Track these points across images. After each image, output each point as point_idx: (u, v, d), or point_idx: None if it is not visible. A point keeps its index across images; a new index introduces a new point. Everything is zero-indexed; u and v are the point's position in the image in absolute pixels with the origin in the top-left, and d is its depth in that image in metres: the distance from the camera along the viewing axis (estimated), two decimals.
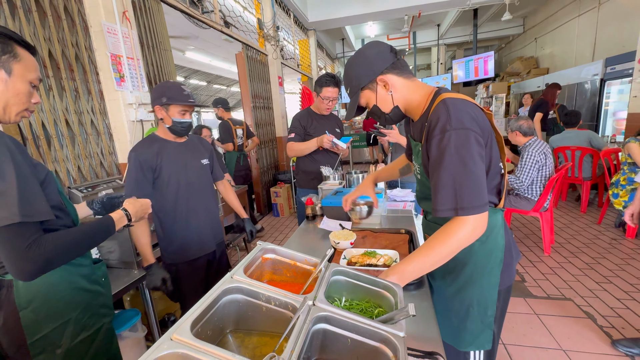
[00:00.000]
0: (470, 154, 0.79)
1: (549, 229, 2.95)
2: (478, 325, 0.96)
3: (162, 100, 1.44)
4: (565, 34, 7.32)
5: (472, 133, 0.79)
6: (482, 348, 0.99)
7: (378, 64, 0.92)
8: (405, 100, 0.96)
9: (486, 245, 0.93)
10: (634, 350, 1.71)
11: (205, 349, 0.49)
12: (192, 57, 7.99)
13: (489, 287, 0.95)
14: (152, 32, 2.61)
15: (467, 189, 0.78)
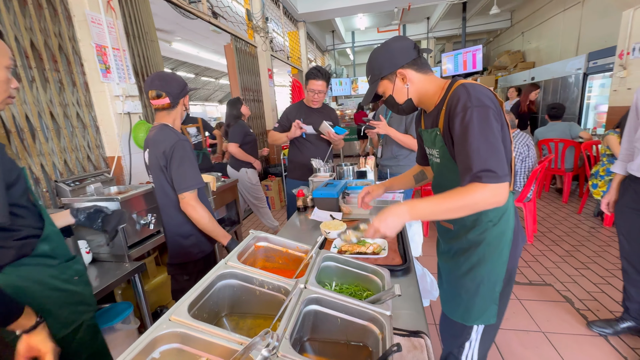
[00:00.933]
0: (490, 129, 0.84)
1: (532, 218, 3.06)
2: (486, 301, 1.02)
3: (186, 89, 1.49)
4: (551, 29, 7.46)
5: (491, 110, 0.86)
6: (488, 322, 1.04)
7: (400, 58, 0.99)
8: (419, 93, 1.03)
9: (499, 226, 0.98)
10: (607, 330, 1.82)
11: (202, 328, 0.51)
12: (179, 49, 7.82)
13: (499, 265, 1.00)
14: (138, 22, 2.55)
15: (490, 160, 0.82)
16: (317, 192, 1.77)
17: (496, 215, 0.97)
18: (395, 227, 0.88)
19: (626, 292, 1.78)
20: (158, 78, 1.43)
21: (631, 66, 3.79)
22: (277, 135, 2.37)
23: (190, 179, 1.39)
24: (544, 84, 6.96)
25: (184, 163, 1.38)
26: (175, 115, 1.50)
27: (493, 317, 1.04)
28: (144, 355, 0.49)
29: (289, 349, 0.51)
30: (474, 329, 1.07)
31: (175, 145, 1.38)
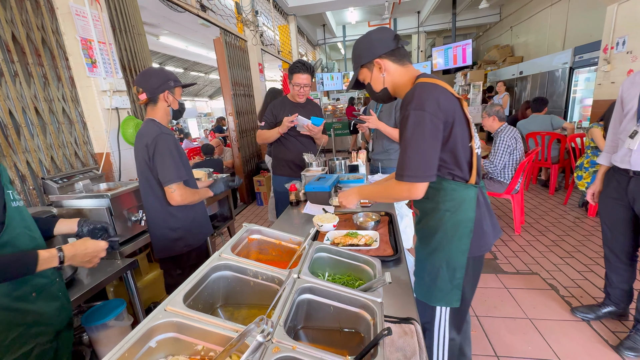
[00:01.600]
0: (421, 133, 0.93)
1: (520, 210, 3.14)
2: (447, 284, 1.09)
3: (170, 84, 1.45)
4: (539, 23, 7.57)
5: (428, 115, 0.92)
6: (451, 305, 1.12)
7: (379, 48, 1.06)
8: (394, 84, 1.10)
9: (456, 216, 1.05)
10: (589, 315, 1.90)
11: (197, 317, 0.52)
12: (167, 43, 7.66)
13: (458, 253, 1.06)
14: (124, 15, 2.50)
15: (412, 162, 0.94)
16: (309, 186, 1.79)
17: (453, 206, 1.04)
18: (352, 201, 1.24)
19: (608, 278, 1.85)
20: (141, 74, 1.46)
21: (615, 60, 3.89)
22: (268, 134, 2.28)
23: (175, 171, 1.41)
24: (532, 78, 7.08)
25: (166, 156, 1.39)
26: (158, 110, 1.49)
27: (456, 301, 1.10)
28: (140, 345, 0.50)
29: (284, 335, 0.53)
30: (438, 310, 1.14)
31: (157, 139, 1.39)
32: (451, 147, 0.98)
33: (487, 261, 2.67)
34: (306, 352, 0.51)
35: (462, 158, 1.01)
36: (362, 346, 0.58)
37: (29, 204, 1.82)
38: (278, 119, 2.27)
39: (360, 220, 1.42)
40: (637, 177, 1.55)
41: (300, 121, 2.16)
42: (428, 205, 1.11)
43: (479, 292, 2.25)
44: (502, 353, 1.71)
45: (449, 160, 1.01)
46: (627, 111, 1.56)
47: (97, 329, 1.56)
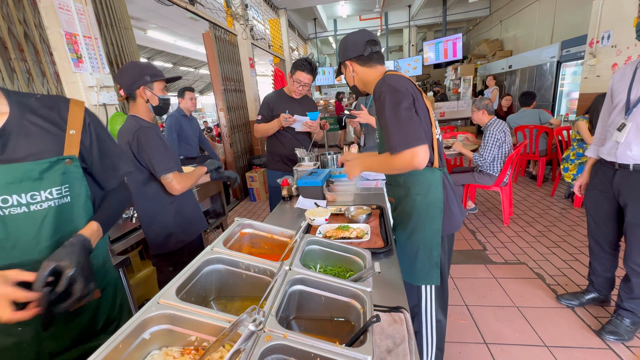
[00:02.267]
0: (399, 107, 1.03)
1: (508, 202, 3.21)
2: (426, 264, 1.21)
3: (145, 79, 1.39)
4: (527, 17, 7.64)
5: (401, 93, 1.05)
6: (432, 283, 1.24)
7: (349, 52, 1.23)
8: (362, 82, 1.26)
9: (426, 198, 1.18)
10: (573, 302, 1.97)
11: (190, 309, 0.54)
12: (155, 37, 7.51)
13: (432, 233, 1.19)
14: (110, 8, 2.44)
15: (399, 132, 1.02)
16: (301, 181, 1.79)
17: (422, 189, 1.18)
18: (355, 172, 1.24)
19: (592, 267, 1.92)
20: (120, 69, 1.43)
21: (600, 54, 3.97)
22: (266, 127, 2.25)
23: (167, 160, 1.40)
24: (521, 72, 7.17)
25: (152, 148, 1.38)
26: (138, 107, 1.46)
27: (436, 279, 1.23)
28: (134, 337, 0.51)
29: (275, 324, 0.54)
30: (422, 289, 1.27)
31: (137, 133, 1.37)
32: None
33: (476, 252, 2.74)
34: (297, 340, 0.53)
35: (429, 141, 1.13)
36: (352, 334, 0.60)
37: None
38: (274, 113, 2.26)
39: (351, 214, 1.44)
40: (622, 170, 1.57)
41: (298, 119, 2.17)
42: (401, 192, 1.25)
43: (469, 282, 2.31)
44: (491, 340, 1.77)
45: None
46: (617, 104, 1.58)
47: None
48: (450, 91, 9.74)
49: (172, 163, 1.41)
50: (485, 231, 3.12)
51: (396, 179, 1.27)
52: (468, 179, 3.22)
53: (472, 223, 3.33)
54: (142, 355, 0.54)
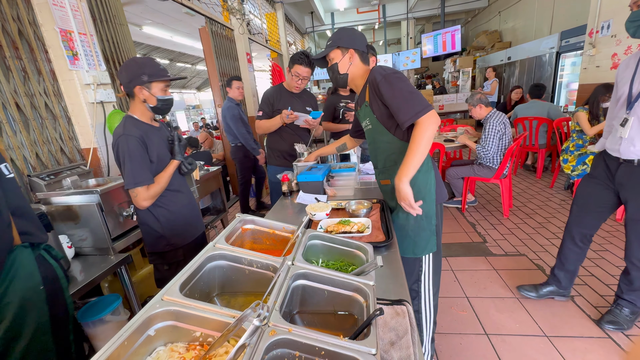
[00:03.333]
0: (407, 82, 1.18)
1: (508, 194, 3.22)
2: (427, 233, 1.31)
3: (142, 78, 1.34)
4: (526, 8, 7.57)
5: (401, 73, 1.21)
6: (432, 251, 1.34)
7: (358, 43, 1.32)
8: (354, 75, 1.35)
9: (423, 173, 1.27)
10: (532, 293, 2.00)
11: (195, 305, 0.54)
12: (150, 33, 7.43)
13: (430, 203, 1.30)
14: (105, 4, 2.41)
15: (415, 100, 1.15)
16: (301, 176, 1.79)
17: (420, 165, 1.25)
18: (406, 192, 1.17)
19: (559, 260, 1.90)
20: (122, 65, 1.39)
21: (600, 44, 3.94)
22: (269, 124, 2.22)
23: (132, 177, 1.33)
24: (520, 63, 7.13)
25: (125, 160, 1.33)
26: (137, 105, 1.42)
27: (434, 245, 1.34)
28: (139, 333, 0.51)
29: (280, 319, 0.54)
30: (424, 260, 1.36)
31: (117, 142, 1.34)
32: None
33: (476, 244, 2.75)
34: (302, 334, 0.53)
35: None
36: (356, 327, 0.60)
37: None
38: (275, 108, 2.25)
39: (352, 208, 1.44)
40: (627, 164, 1.54)
41: (300, 117, 2.17)
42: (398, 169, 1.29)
43: (469, 274, 2.33)
44: (491, 331, 1.79)
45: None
46: (619, 96, 1.54)
47: (94, 324, 1.57)
48: (449, 84, 9.69)
49: (136, 179, 1.34)
50: (485, 223, 3.13)
51: (390, 159, 1.34)
52: (468, 171, 3.22)
53: (472, 216, 3.34)
54: (148, 352, 0.54)
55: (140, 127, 1.41)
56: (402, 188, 1.17)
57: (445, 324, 1.87)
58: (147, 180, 1.37)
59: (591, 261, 2.34)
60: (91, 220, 1.66)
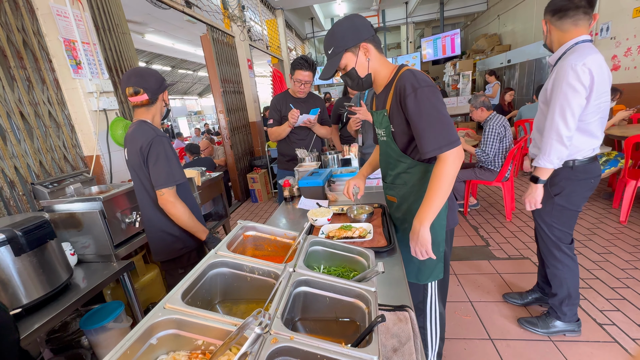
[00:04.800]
0: (440, 102, 0.98)
1: (510, 197, 3.21)
2: (433, 261, 1.18)
3: (164, 84, 1.47)
4: (525, 11, 7.61)
5: (436, 88, 0.99)
6: (438, 278, 1.23)
7: (363, 32, 1.05)
8: (376, 71, 1.11)
9: None
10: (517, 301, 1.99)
11: (197, 313, 0.54)
12: (153, 41, 7.52)
13: (439, 228, 1.16)
14: (107, 13, 2.45)
15: (444, 129, 0.97)
16: (302, 181, 1.80)
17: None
18: (425, 239, 1.02)
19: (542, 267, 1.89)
20: (135, 74, 1.40)
21: (599, 46, 3.95)
22: (279, 130, 2.30)
23: (168, 175, 1.37)
24: (520, 66, 7.14)
25: (160, 159, 1.37)
26: (154, 111, 1.48)
27: (440, 273, 1.23)
28: (141, 342, 0.51)
29: (281, 327, 0.54)
30: (429, 286, 1.26)
31: (152, 142, 1.37)
32: None
33: (479, 248, 2.73)
34: (304, 342, 0.53)
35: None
36: (358, 334, 0.60)
37: (19, 210, 1.80)
38: (283, 114, 2.32)
39: (354, 213, 1.44)
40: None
41: (301, 118, 2.21)
42: (407, 190, 1.20)
43: (472, 278, 2.31)
44: (496, 336, 1.77)
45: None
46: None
47: (96, 331, 1.57)
48: (449, 87, 9.71)
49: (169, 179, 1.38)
50: (487, 227, 3.11)
51: (401, 178, 1.21)
52: (469, 175, 3.22)
53: (475, 219, 3.33)
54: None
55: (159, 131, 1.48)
56: (422, 234, 1.01)
57: (449, 329, 1.85)
58: (183, 177, 1.46)
59: (596, 264, 2.32)
60: (94, 227, 1.67)
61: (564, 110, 1.33)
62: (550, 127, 1.38)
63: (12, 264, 1.21)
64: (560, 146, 1.37)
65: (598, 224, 2.90)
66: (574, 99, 1.31)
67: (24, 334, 1.14)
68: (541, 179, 1.47)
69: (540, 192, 1.50)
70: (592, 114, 1.38)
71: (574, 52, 1.33)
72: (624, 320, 1.77)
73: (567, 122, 1.33)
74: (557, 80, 1.35)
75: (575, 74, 1.28)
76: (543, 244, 1.68)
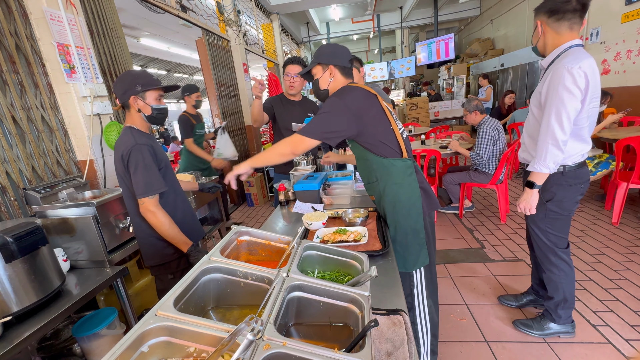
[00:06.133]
0: (326, 112, 1.23)
1: (505, 199, 3.23)
2: (416, 247, 1.29)
3: (136, 88, 1.37)
4: (517, 16, 7.73)
5: (338, 101, 1.22)
6: (423, 264, 1.32)
7: (337, 58, 1.32)
8: (334, 91, 1.32)
9: (403, 186, 1.28)
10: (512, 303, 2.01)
11: (188, 320, 0.53)
12: (148, 44, 7.50)
13: (416, 216, 1.28)
14: (102, 18, 2.44)
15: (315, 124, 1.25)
16: (298, 185, 1.80)
17: (398, 178, 1.28)
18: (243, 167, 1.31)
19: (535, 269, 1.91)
20: (117, 78, 1.43)
21: (590, 51, 4.02)
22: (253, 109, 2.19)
23: (146, 184, 1.35)
24: (513, 70, 7.24)
25: (139, 168, 1.35)
26: (133, 116, 1.45)
27: (426, 258, 1.31)
28: (132, 350, 0.51)
29: (274, 332, 0.54)
30: (415, 274, 1.34)
31: (131, 150, 1.36)
32: (373, 129, 1.25)
33: (474, 250, 2.75)
34: (296, 347, 0.53)
35: (389, 138, 1.27)
36: (351, 339, 0.60)
37: (10, 215, 1.78)
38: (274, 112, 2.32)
39: (349, 217, 1.45)
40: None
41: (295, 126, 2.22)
42: (380, 186, 1.32)
43: (468, 281, 2.32)
44: (492, 338, 1.77)
45: (378, 140, 1.26)
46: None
47: (89, 338, 1.55)
48: (444, 91, 9.80)
49: (158, 185, 1.37)
50: (482, 229, 3.13)
51: (373, 175, 1.33)
52: (464, 177, 3.24)
53: (470, 221, 3.35)
54: None
55: (146, 137, 1.45)
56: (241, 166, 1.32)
57: (444, 332, 1.85)
58: (162, 187, 1.41)
59: (589, 265, 2.34)
60: (87, 232, 1.65)
61: (560, 113, 1.32)
62: (546, 131, 1.37)
63: (3, 271, 1.20)
64: (556, 150, 1.36)
65: (591, 225, 2.94)
66: (570, 102, 1.30)
67: (15, 342, 1.12)
68: (537, 184, 1.46)
69: (535, 197, 1.49)
70: (585, 119, 1.39)
71: (568, 56, 1.32)
72: (618, 321, 1.79)
73: (563, 126, 1.32)
74: (553, 84, 1.33)
75: (571, 77, 1.28)
76: (538, 249, 1.68)
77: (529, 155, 1.56)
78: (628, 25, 3.63)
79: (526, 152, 1.58)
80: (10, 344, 1.10)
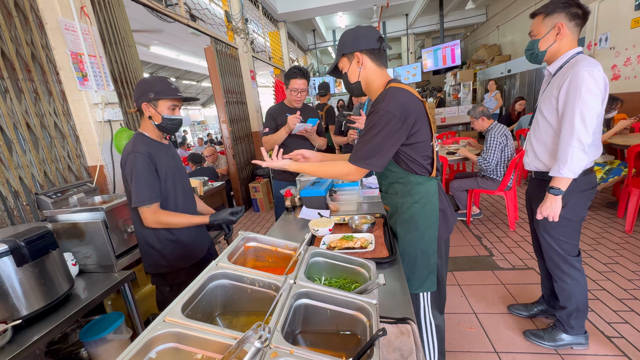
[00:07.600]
0: (382, 128, 1.05)
1: (513, 206, 3.19)
2: (424, 271, 1.21)
3: (149, 96, 1.36)
4: (524, 22, 7.71)
5: (391, 115, 1.04)
6: (429, 290, 1.24)
7: (361, 43, 1.13)
8: (368, 81, 1.18)
9: (424, 207, 1.18)
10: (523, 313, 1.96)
11: (196, 327, 0.53)
12: (157, 52, 7.67)
13: (430, 240, 1.20)
14: (114, 27, 2.51)
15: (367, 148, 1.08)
16: (304, 191, 1.80)
17: (421, 197, 1.18)
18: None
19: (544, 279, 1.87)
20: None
21: (598, 56, 3.98)
22: (275, 137, 2.24)
23: (136, 194, 1.34)
24: (520, 76, 7.20)
25: (132, 177, 1.36)
26: (145, 122, 1.45)
27: (433, 285, 1.23)
28: (140, 356, 0.51)
29: (281, 340, 0.54)
30: (421, 297, 1.27)
31: (126, 158, 1.37)
32: (415, 143, 1.11)
33: (482, 258, 2.70)
34: (303, 356, 0.52)
35: (426, 153, 1.14)
36: (359, 348, 0.59)
37: (22, 220, 1.81)
38: (278, 123, 2.31)
39: (355, 223, 1.44)
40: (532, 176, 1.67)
41: (298, 126, 2.21)
42: (399, 200, 1.23)
43: (477, 289, 2.28)
44: (501, 349, 1.73)
45: (414, 155, 1.13)
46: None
47: (96, 343, 1.55)
48: (450, 96, 9.78)
49: (145, 196, 1.36)
50: (491, 236, 3.09)
51: (393, 187, 1.23)
52: (472, 184, 3.21)
53: (478, 229, 3.30)
54: None
55: (149, 145, 1.42)
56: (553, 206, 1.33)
57: (453, 342, 1.81)
58: (151, 199, 1.37)
59: (602, 275, 2.28)
60: (96, 237, 1.67)
61: (584, 116, 1.28)
62: (570, 135, 1.32)
63: (14, 274, 1.21)
64: (582, 154, 1.32)
65: (603, 233, 2.87)
66: (594, 104, 1.28)
67: (24, 346, 1.13)
68: (561, 190, 1.40)
69: (559, 203, 1.43)
70: (600, 124, 1.38)
71: (582, 61, 1.31)
72: (633, 333, 1.73)
73: (588, 128, 1.29)
74: (574, 87, 1.30)
75: (593, 80, 1.27)
76: (549, 259, 1.64)
77: (539, 162, 1.54)
78: (638, 30, 3.60)
79: (536, 160, 1.56)
80: (19, 348, 1.11)
